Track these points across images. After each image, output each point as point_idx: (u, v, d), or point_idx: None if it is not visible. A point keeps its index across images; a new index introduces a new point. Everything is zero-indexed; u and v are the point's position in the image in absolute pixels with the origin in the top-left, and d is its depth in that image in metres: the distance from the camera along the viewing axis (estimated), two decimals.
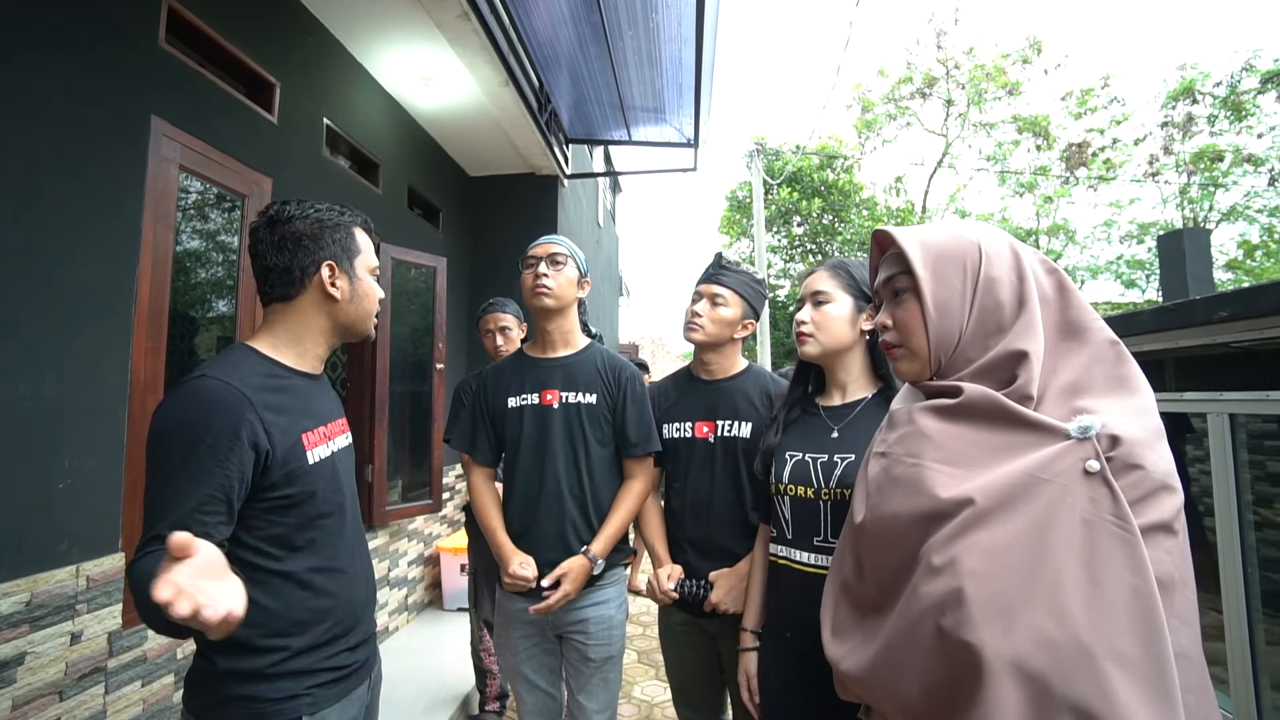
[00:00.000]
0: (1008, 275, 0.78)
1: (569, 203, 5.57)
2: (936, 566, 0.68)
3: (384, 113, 3.54)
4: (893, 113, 17.18)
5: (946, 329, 0.79)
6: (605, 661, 1.60)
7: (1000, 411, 0.72)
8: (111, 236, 1.82)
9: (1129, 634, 0.58)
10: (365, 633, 1.17)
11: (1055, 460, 0.67)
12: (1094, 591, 0.60)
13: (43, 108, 1.62)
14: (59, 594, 1.62)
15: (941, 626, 0.65)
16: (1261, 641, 1.92)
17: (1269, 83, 13.22)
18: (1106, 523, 0.62)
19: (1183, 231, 5.44)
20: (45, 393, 1.61)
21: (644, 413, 1.63)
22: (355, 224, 1.18)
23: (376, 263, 1.21)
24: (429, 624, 3.70)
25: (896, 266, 0.85)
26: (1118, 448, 0.65)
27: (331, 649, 1.08)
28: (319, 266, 1.09)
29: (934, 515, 0.71)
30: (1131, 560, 0.60)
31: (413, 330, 3.80)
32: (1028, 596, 0.62)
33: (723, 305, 1.59)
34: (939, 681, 0.66)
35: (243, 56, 2.39)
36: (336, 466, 1.15)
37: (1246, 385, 1.99)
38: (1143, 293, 15.91)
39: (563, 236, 1.70)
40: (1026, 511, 0.66)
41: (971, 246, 0.80)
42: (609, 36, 3.32)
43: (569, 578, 1.51)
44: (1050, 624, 0.60)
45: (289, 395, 1.07)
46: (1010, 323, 0.77)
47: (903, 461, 0.79)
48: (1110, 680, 0.57)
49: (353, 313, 1.15)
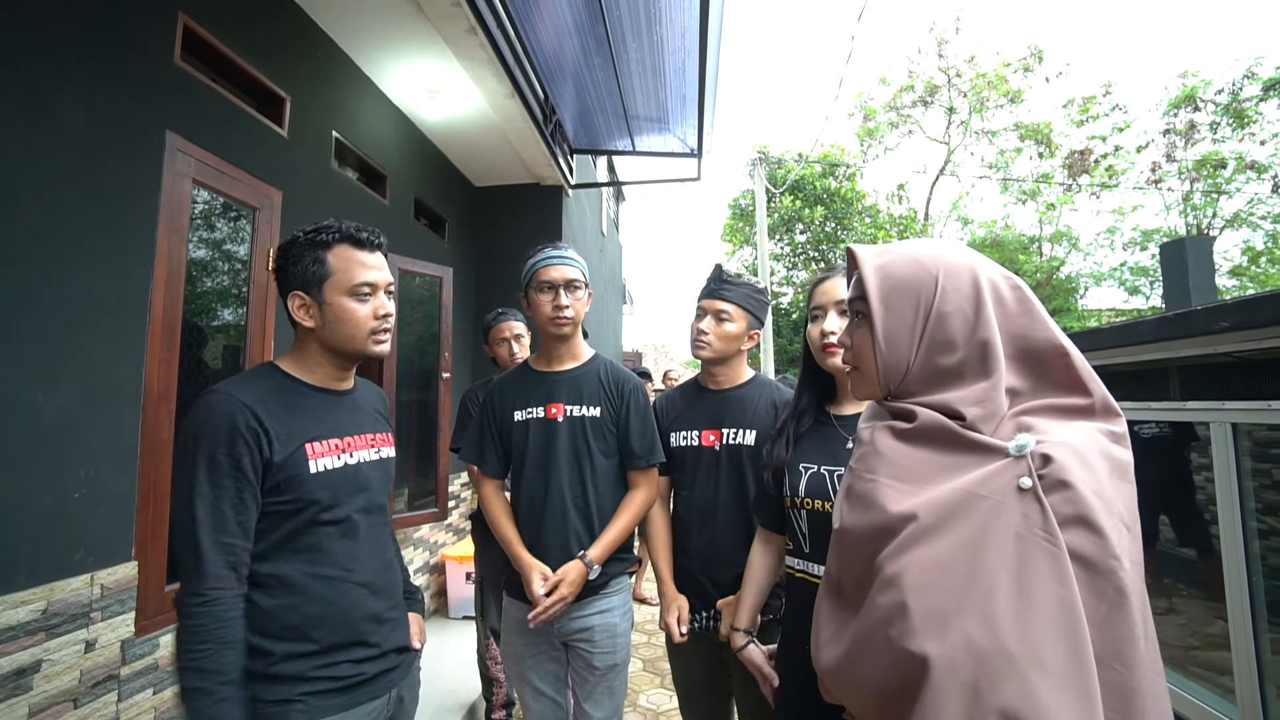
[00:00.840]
0: (962, 309, 0.77)
1: (573, 212, 5.61)
2: (885, 580, 0.71)
3: (391, 125, 3.59)
4: (895, 120, 17.28)
5: (894, 361, 0.81)
6: (610, 670, 1.60)
7: (949, 435, 0.76)
8: (126, 248, 1.85)
9: (1053, 643, 0.61)
10: (379, 647, 1.15)
11: (992, 478, 0.70)
12: (1022, 603, 0.63)
13: (62, 123, 1.65)
14: (74, 602, 1.64)
15: (889, 637, 0.69)
16: (1267, 651, 1.92)
17: (1271, 90, 13.24)
18: (1036, 537, 0.65)
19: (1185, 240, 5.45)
20: (61, 403, 1.64)
21: (647, 424, 1.64)
22: (330, 243, 1.13)
23: (363, 278, 1.14)
24: (435, 632, 3.70)
25: (858, 290, 0.86)
26: (1048, 466, 0.67)
27: (330, 658, 1.08)
28: (288, 299, 1.15)
29: (884, 529, 0.74)
30: (1058, 572, 0.63)
31: (418, 339, 3.84)
32: (961, 607, 0.65)
33: (728, 320, 1.61)
34: (892, 688, 0.70)
35: (254, 72, 2.44)
36: (352, 478, 1.16)
37: (1249, 395, 2.00)
38: (1146, 299, 15.87)
39: (569, 249, 1.68)
40: (964, 526, 0.69)
41: (928, 279, 0.79)
42: (613, 48, 3.36)
43: (565, 582, 1.52)
44: (981, 633, 0.63)
45: (296, 407, 1.12)
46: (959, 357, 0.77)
47: (862, 478, 0.82)
48: (1035, 686, 0.59)
49: (331, 339, 1.15)
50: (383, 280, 1.18)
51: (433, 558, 4.03)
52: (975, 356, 0.77)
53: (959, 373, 0.77)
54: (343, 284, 1.13)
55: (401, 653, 1.22)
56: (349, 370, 1.24)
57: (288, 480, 1.07)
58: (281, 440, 1.06)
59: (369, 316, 1.15)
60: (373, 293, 1.16)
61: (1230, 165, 14.27)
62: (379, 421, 1.30)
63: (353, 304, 1.13)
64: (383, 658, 1.16)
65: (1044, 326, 0.78)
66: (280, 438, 1.06)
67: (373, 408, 1.30)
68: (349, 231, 1.15)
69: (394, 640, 1.20)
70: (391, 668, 1.18)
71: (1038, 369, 0.78)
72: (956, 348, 0.77)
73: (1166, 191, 15.36)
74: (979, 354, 0.77)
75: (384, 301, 1.18)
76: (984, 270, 0.80)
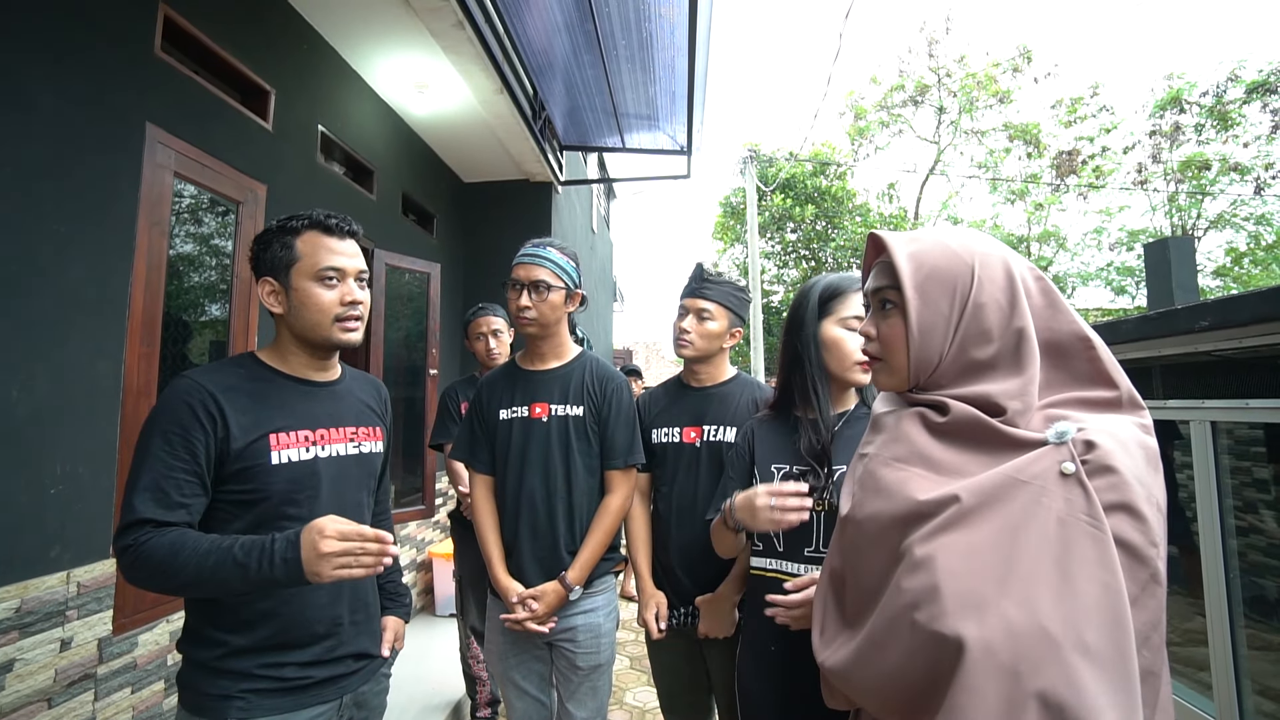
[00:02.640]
0: (998, 300, 0.76)
1: (563, 209, 5.60)
2: (915, 563, 0.69)
3: (379, 120, 3.56)
4: (885, 120, 17.33)
5: (928, 353, 0.78)
6: (594, 670, 1.60)
7: (985, 431, 0.74)
8: (106, 242, 1.82)
9: (1097, 628, 0.60)
10: (331, 651, 1.12)
11: (1033, 463, 0.68)
12: (1065, 587, 0.62)
13: (38, 114, 1.62)
14: (49, 600, 1.62)
15: (916, 620, 0.67)
16: (1244, 646, 1.95)
17: (1254, 93, 13.41)
18: (1081, 521, 0.64)
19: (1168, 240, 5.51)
20: (38, 398, 1.61)
21: (628, 424, 1.64)
22: (300, 230, 1.12)
23: (329, 263, 1.12)
24: (421, 630, 3.68)
25: (887, 279, 0.82)
26: (1092, 452, 0.67)
27: (274, 657, 1.06)
28: (260, 285, 1.15)
29: (912, 516, 0.73)
30: (1103, 557, 0.62)
31: (406, 336, 3.81)
32: (1000, 591, 0.63)
33: (709, 319, 1.62)
34: (917, 676, 0.68)
35: (238, 64, 2.40)
36: (320, 472, 1.13)
37: (1228, 393, 2.02)
38: (1132, 299, 16.05)
39: (551, 246, 1.64)
40: (1003, 511, 0.67)
41: (964, 269, 0.77)
42: (602, 45, 3.35)
43: (542, 602, 1.52)
44: (1021, 615, 0.61)
45: (264, 396, 1.11)
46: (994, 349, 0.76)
47: (889, 464, 0.79)
48: (1077, 670, 0.59)
49: (298, 325, 1.13)
50: (352, 267, 1.15)
51: (419, 555, 4.02)
52: (1010, 349, 0.75)
53: (993, 365, 0.76)
54: (309, 268, 1.11)
55: (361, 659, 1.18)
56: (325, 359, 1.20)
57: (248, 470, 1.06)
58: (243, 428, 1.05)
59: (334, 303, 1.12)
60: (340, 278, 1.13)
61: (1214, 167, 14.45)
62: (366, 415, 1.26)
63: (318, 289, 1.11)
64: (336, 662, 1.13)
65: (1069, 319, 0.77)
66: (242, 426, 1.06)
67: (361, 401, 1.26)
68: (318, 218, 1.14)
69: (353, 645, 1.16)
70: (346, 673, 1.15)
71: (1062, 362, 0.77)
72: (992, 340, 0.76)
73: (1152, 192, 15.53)
74: (1014, 346, 0.75)
75: (353, 288, 1.14)
76: (1012, 260, 0.79)
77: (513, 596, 1.54)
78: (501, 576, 1.58)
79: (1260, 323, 1.77)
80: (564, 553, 1.57)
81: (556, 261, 1.61)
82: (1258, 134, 13.89)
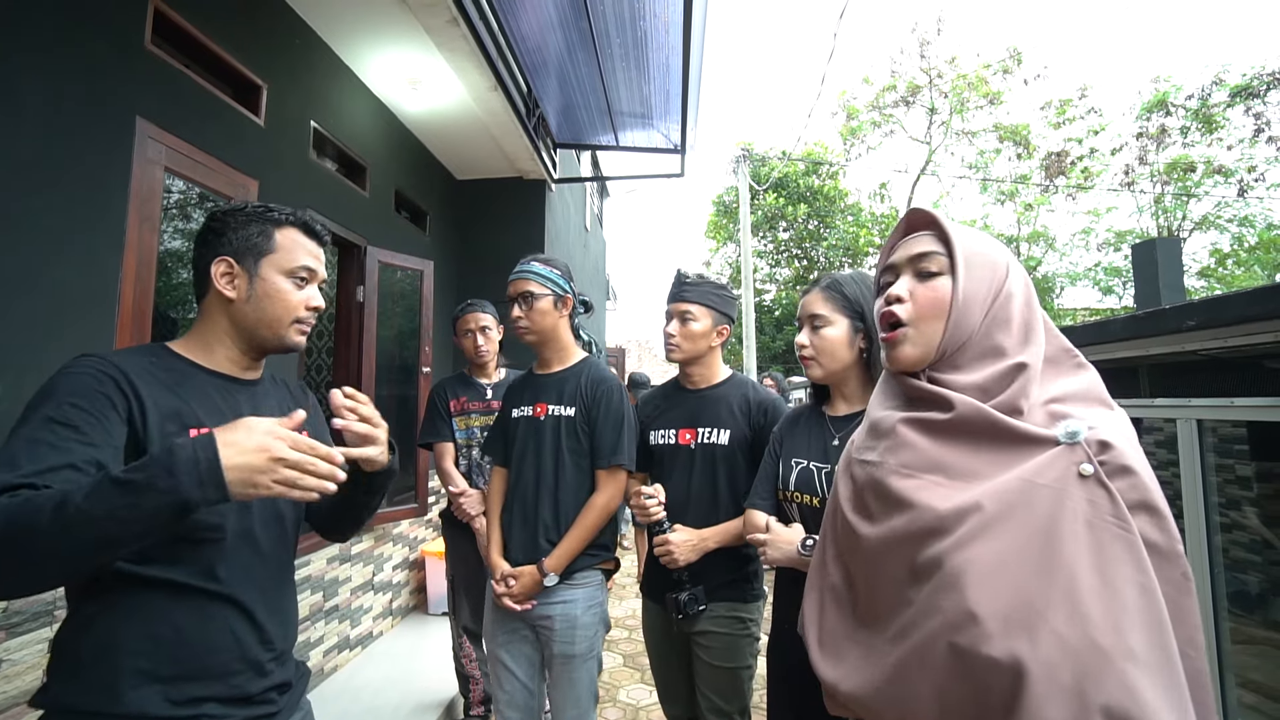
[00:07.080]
0: (1024, 294, 0.81)
1: (556, 207, 5.58)
2: (944, 582, 0.68)
3: (371, 116, 3.53)
4: (877, 120, 17.41)
5: (967, 322, 0.80)
6: (570, 659, 1.66)
7: (991, 426, 0.73)
8: (95, 237, 1.80)
9: (1140, 631, 0.59)
10: (241, 690, 0.96)
11: (1048, 466, 0.68)
12: (1107, 593, 0.61)
13: (26, 108, 1.60)
14: (36, 600, 1.60)
15: (957, 645, 0.64)
16: (1228, 640, 1.98)
17: (1238, 96, 13.60)
18: (1108, 524, 0.63)
19: (1155, 241, 5.58)
20: (24, 394, 1.58)
21: (615, 426, 1.69)
22: (282, 223, 1.08)
23: (305, 263, 1.08)
24: (414, 628, 3.67)
25: (934, 246, 0.84)
26: (1108, 452, 0.66)
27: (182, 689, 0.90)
28: (212, 263, 1.04)
29: (930, 529, 0.71)
30: (1135, 559, 0.62)
31: (399, 333, 3.79)
32: (1045, 604, 0.62)
33: (692, 320, 1.67)
34: (958, 702, 0.65)
35: (229, 59, 2.38)
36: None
37: (1213, 392, 2.06)
38: (1119, 299, 16.24)
39: (535, 260, 1.75)
40: (1026, 519, 0.66)
41: (1001, 258, 0.83)
42: (597, 43, 3.35)
43: (519, 583, 1.64)
44: (1072, 630, 0.60)
45: (181, 388, 0.99)
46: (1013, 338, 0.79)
47: (898, 472, 0.78)
48: (1132, 678, 0.58)
49: (251, 316, 1.05)
50: (321, 273, 1.12)
51: (412, 554, 4.00)
52: (1020, 339, 0.79)
53: (1008, 353, 0.79)
54: (284, 263, 1.07)
55: (284, 691, 1.05)
56: (256, 359, 1.12)
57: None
58: (160, 419, 0.94)
59: (300, 304, 1.08)
60: (309, 280, 1.10)
61: (1199, 169, 14.65)
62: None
63: (288, 285, 1.07)
64: (249, 704, 0.99)
65: (1053, 331, 0.83)
66: (159, 416, 0.94)
67: (281, 404, 1.15)
68: (302, 218, 1.10)
69: (274, 678, 1.03)
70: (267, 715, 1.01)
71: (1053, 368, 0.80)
72: (1011, 329, 0.79)
73: (1139, 194, 15.72)
74: (1024, 339, 0.79)
75: (316, 294, 1.11)
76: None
77: (497, 573, 1.68)
78: (494, 554, 1.74)
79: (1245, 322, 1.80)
80: (543, 541, 1.66)
81: (539, 271, 1.73)
82: (1241, 137, 14.11)
